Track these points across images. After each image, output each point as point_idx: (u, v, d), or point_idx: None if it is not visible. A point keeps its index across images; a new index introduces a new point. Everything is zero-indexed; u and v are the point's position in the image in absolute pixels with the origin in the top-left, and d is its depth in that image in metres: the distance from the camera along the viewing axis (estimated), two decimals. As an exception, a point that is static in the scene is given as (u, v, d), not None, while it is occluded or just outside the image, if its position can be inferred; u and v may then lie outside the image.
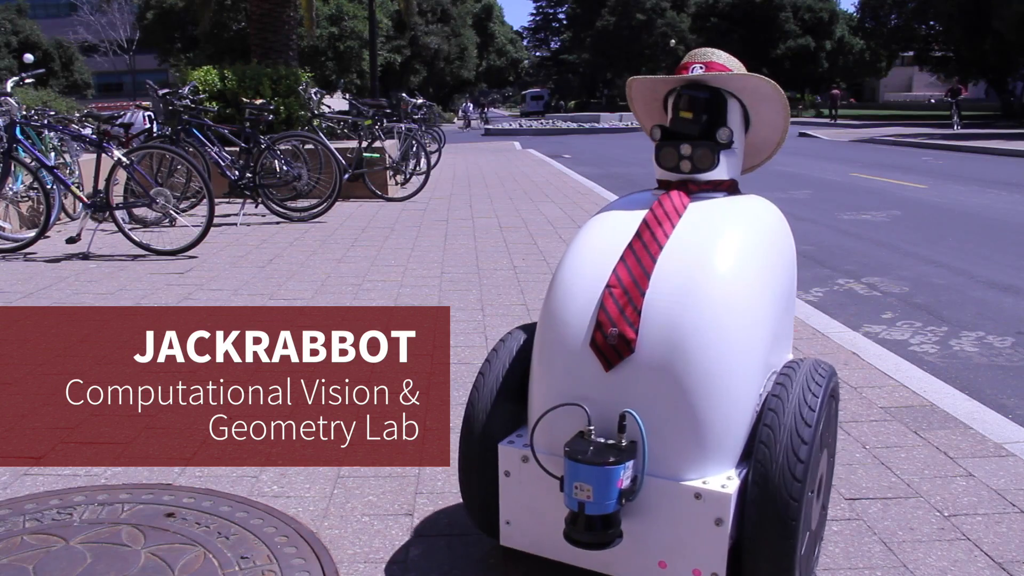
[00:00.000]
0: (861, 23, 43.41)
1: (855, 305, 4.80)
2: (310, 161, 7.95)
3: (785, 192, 10.76)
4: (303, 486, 2.27)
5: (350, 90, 29.39)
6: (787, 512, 1.50)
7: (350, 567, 1.88)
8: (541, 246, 6.05)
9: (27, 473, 2.35)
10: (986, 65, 36.30)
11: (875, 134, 24.89)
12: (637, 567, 1.63)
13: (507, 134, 30.65)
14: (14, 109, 5.81)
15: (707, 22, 53.96)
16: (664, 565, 1.60)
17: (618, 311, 1.59)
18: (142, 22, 38.76)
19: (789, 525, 1.50)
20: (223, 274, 5.15)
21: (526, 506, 1.72)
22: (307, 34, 21.82)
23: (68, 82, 51.01)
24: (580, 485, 1.51)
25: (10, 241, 6.02)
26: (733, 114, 1.82)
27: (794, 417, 1.54)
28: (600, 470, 1.49)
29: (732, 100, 1.82)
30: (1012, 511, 2.11)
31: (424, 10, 43.78)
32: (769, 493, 1.51)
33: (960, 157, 16.51)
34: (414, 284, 4.81)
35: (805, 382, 1.60)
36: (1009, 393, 3.30)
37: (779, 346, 1.80)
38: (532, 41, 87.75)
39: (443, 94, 52.70)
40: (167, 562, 1.85)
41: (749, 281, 1.65)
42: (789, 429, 1.53)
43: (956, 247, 6.62)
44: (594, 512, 1.51)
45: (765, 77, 1.81)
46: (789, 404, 1.56)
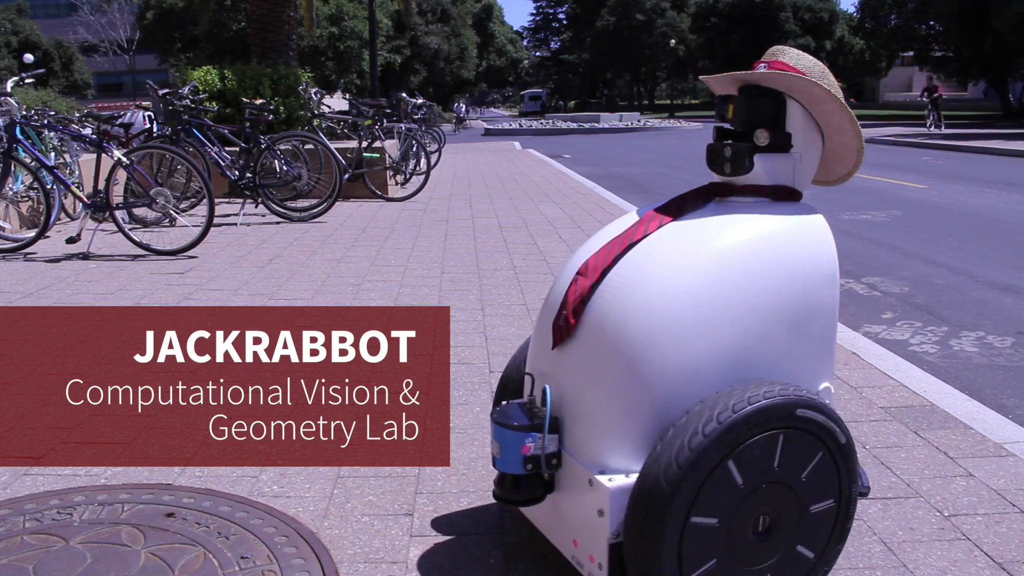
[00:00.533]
0: (861, 23, 43.40)
1: (855, 305, 4.80)
2: (310, 161, 7.95)
3: (785, 192, 10.75)
4: (303, 486, 2.27)
5: (350, 90, 29.41)
6: (653, 512, 1.47)
7: (350, 567, 1.88)
8: (541, 246, 6.05)
9: (27, 473, 2.35)
10: (986, 65, 36.29)
11: (875, 134, 24.89)
12: (561, 539, 1.75)
13: (507, 134, 30.63)
14: (14, 109, 5.81)
15: (707, 22, 53.96)
16: (576, 543, 1.68)
17: (574, 296, 1.68)
18: (142, 22, 38.75)
19: (655, 528, 1.47)
20: (223, 274, 5.15)
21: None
22: (307, 34, 21.79)
23: (68, 82, 51.01)
24: (493, 441, 1.69)
25: (10, 241, 6.02)
26: (793, 118, 1.74)
27: (696, 425, 1.49)
28: (501, 431, 1.65)
29: (792, 103, 1.74)
30: (1012, 511, 2.11)
31: (424, 10, 43.77)
32: (643, 491, 1.50)
33: (960, 157, 16.51)
34: (414, 284, 4.81)
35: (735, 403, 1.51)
36: (1009, 393, 3.30)
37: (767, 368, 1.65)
38: (532, 41, 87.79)
39: (443, 94, 52.68)
40: (167, 562, 1.85)
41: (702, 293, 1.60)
42: (685, 436, 1.49)
43: (956, 247, 6.62)
44: (501, 468, 1.67)
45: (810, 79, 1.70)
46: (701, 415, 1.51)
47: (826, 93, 1.71)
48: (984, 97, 45.95)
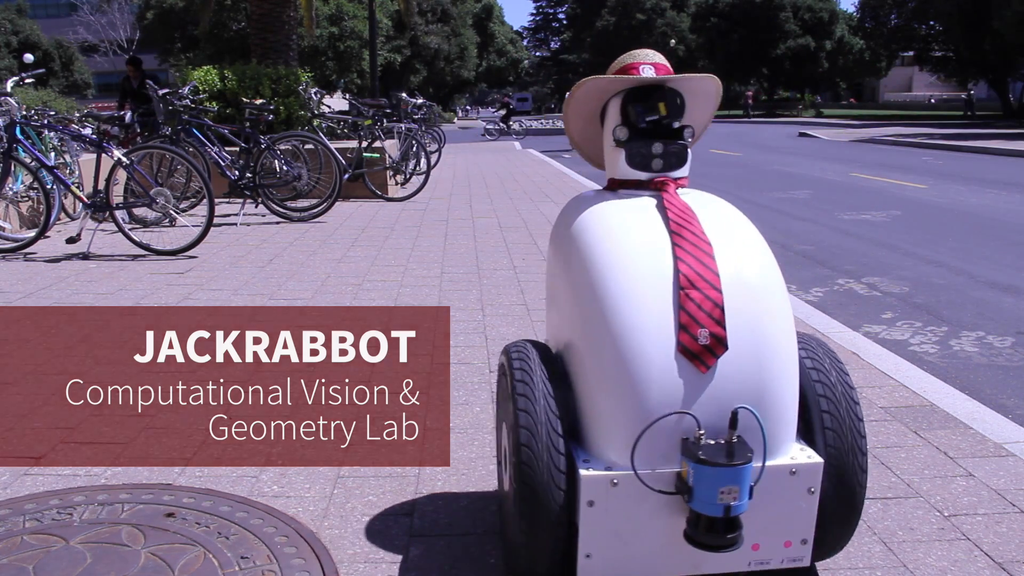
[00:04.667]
0: (861, 23, 43.42)
1: (855, 305, 4.80)
2: (310, 161, 7.95)
3: (785, 192, 10.76)
4: (303, 486, 2.27)
5: (350, 90, 29.38)
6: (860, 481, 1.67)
7: (350, 567, 1.88)
8: (541, 246, 6.05)
9: (27, 473, 2.35)
10: (986, 65, 36.30)
11: (875, 134, 24.89)
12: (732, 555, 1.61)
13: (507, 134, 30.61)
14: (14, 109, 5.81)
15: (707, 22, 53.97)
16: (757, 547, 1.63)
17: (700, 311, 1.57)
18: (142, 22, 38.75)
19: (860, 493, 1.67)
20: (223, 274, 5.15)
21: (613, 533, 1.61)
22: (307, 34, 21.79)
23: (68, 82, 51.00)
24: (728, 489, 1.49)
25: (10, 241, 6.02)
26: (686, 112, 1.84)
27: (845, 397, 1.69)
28: (744, 469, 1.49)
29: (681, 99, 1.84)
30: (1012, 511, 2.11)
31: (424, 10, 43.77)
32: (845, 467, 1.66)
33: (960, 157, 16.51)
34: (414, 284, 4.81)
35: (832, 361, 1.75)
36: (1009, 393, 3.30)
37: None
38: (532, 41, 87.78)
39: (443, 94, 52.69)
40: (167, 562, 1.85)
41: (775, 266, 1.72)
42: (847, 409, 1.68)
43: (956, 247, 6.62)
44: (739, 512, 1.51)
45: (713, 77, 1.86)
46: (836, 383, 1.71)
47: (718, 89, 1.89)
48: (984, 97, 45.92)
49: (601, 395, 1.61)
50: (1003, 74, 37.50)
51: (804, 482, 1.60)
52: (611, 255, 1.66)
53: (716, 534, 1.52)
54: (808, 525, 1.63)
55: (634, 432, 1.54)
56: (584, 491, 1.56)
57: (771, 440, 1.58)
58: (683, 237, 1.65)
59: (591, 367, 1.63)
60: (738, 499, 1.49)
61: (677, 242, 1.64)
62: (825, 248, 6.66)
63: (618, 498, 1.57)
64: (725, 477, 1.48)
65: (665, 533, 1.60)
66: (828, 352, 1.78)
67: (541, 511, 1.60)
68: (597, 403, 1.62)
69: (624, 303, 1.60)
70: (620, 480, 1.56)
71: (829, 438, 1.65)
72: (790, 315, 1.68)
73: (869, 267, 5.87)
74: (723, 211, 1.79)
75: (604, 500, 1.58)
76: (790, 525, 1.62)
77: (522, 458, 1.60)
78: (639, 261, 1.64)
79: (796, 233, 7.45)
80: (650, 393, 1.55)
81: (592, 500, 1.57)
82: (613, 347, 1.58)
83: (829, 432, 1.65)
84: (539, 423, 1.61)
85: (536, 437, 1.60)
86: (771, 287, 1.65)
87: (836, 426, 1.66)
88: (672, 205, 1.73)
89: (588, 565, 1.61)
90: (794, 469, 1.60)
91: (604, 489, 1.57)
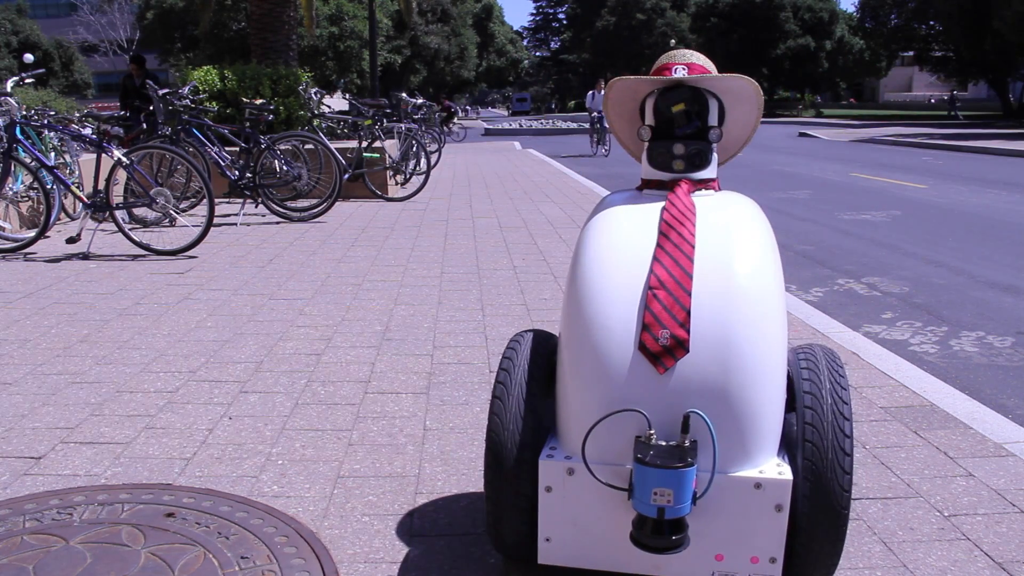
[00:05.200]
0: (861, 23, 43.44)
1: (855, 305, 4.80)
2: (310, 161, 7.95)
3: (785, 192, 10.76)
4: (303, 486, 2.27)
5: (350, 90, 29.39)
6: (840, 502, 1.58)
7: (350, 567, 1.88)
8: (541, 246, 6.05)
9: (27, 473, 2.35)
10: (986, 65, 36.32)
11: (875, 134, 24.89)
12: (692, 563, 1.63)
13: (507, 134, 30.65)
14: (14, 109, 5.81)
15: (707, 22, 53.97)
16: (721, 557, 1.62)
17: (665, 312, 1.59)
18: (142, 22, 38.70)
19: (841, 514, 1.58)
20: (223, 274, 5.15)
21: (570, 520, 1.67)
22: (307, 34, 21.80)
23: (68, 82, 51.02)
24: (660, 491, 1.49)
25: (10, 241, 6.02)
26: (713, 113, 1.84)
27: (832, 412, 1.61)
28: (680, 473, 1.48)
29: (712, 100, 1.84)
30: (1012, 511, 2.11)
31: (424, 10, 43.76)
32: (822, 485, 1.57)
33: (960, 157, 16.51)
34: (414, 284, 4.81)
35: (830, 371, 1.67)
36: (1009, 393, 3.30)
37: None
38: (532, 41, 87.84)
39: (443, 94, 52.66)
40: (167, 562, 1.85)
41: (771, 273, 1.69)
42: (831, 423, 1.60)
43: (956, 247, 6.62)
44: (673, 516, 1.51)
45: (748, 77, 1.83)
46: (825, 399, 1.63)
47: (756, 92, 1.85)
48: (984, 97, 45.90)
49: (568, 387, 1.67)
50: (1003, 74, 37.52)
51: (770, 498, 1.57)
52: (597, 253, 1.72)
53: (645, 532, 1.52)
54: (777, 543, 1.59)
55: (588, 424, 1.59)
56: (542, 477, 1.64)
57: (733, 449, 1.57)
58: (668, 239, 1.68)
59: (564, 359, 1.69)
60: (672, 502, 1.49)
61: (661, 243, 1.68)
62: (825, 248, 6.66)
63: (574, 487, 1.63)
64: (658, 478, 1.48)
65: (622, 528, 1.63)
66: (830, 364, 1.71)
67: (503, 492, 1.68)
68: (565, 395, 1.68)
69: (596, 300, 1.65)
70: (576, 470, 1.62)
71: (808, 451, 1.59)
72: (777, 323, 1.63)
73: (869, 267, 5.87)
74: (735, 215, 1.77)
75: (561, 487, 1.64)
76: (756, 541, 1.60)
77: (488, 444, 1.69)
78: (619, 261, 1.68)
79: (796, 233, 7.45)
80: (607, 389, 1.59)
81: (549, 486, 1.65)
82: (579, 341, 1.64)
83: (809, 429, 1.60)
84: (508, 412, 1.68)
85: (503, 425, 1.68)
86: (756, 294, 1.62)
87: (817, 440, 1.59)
88: (672, 207, 1.75)
89: (547, 548, 1.69)
90: (759, 483, 1.56)
91: (561, 477, 1.63)
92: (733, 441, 1.57)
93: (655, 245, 1.69)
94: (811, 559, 1.61)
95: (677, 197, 1.78)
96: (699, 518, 1.60)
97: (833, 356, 1.75)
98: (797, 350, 1.78)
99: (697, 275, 1.63)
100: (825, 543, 1.60)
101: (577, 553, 1.69)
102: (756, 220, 1.79)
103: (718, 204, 1.81)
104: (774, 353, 1.61)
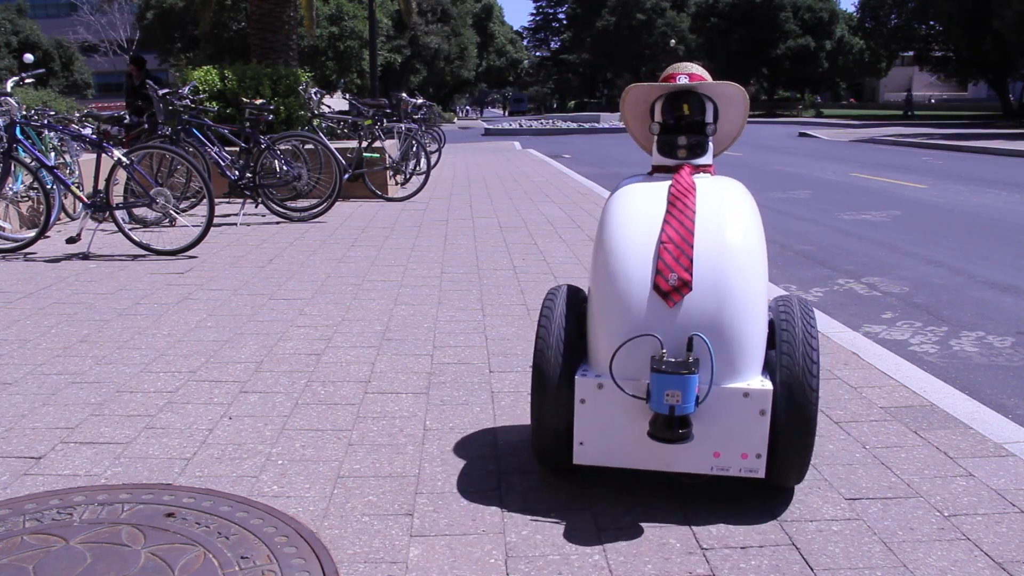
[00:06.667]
0: (861, 23, 43.40)
1: (855, 305, 4.80)
2: (310, 161, 7.95)
3: (785, 192, 10.76)
4: (303, 486, 2.27)
5: (350, 90, 29.37)
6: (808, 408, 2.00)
7: (350, 567, 1.88)
8: (541, 246, 6.05)
9: (27, 473, 2.35)
10: (986, 65, 36.30)
11: (875, 134, 24.89)
12: (696, 459, 2.06)
13: (507, 134, 30.64)
14: (14, 109, 5.81)
15: (707, 22, 53.96)
16: (718, 454, 2.04)
17: (673, 260, 2.05)
18: (142, 22, 38.70)
19: (810, 417, 2.00)
20: (223, 274, 5.15)
21: (599, 426, 2.08)
22: (307, 34, 21.80)
23: (68, 82, 50.99)
24: (671, 392, 1.91)
25: (10, 241, 6.02)
26: (709, 113, 2.32)
27: (803, 343, 2.03)
28: (686, 378, 1.91)
29: (708, 102, 2.32)
30: (1012, 511, 2.11)
31: (424, 10, 43.75)
32: (795, 395, 2.00)
33: (960, 157, 16.51)
34: (414, 284, 4.81)
35: (803, 314, 2.10)
36: (1009, 393, 3.30)
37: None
38: (532, 41, 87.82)
39: (443, 94, 52.68)
40: (167, 562, 1.85)
41: (755, 236, 2.13)
42: (802, 352, 2.02)
43: (956, 247, 6.62)
44: (681, 412, 1.92)
45: (737, 84, 2.33)
46: (797, 334, 2.04)
47: (743, 96, 2.37)
48: (984, 97, 45.89)
49: (597, 322, 2.12)
50: (1003, 74, 37.49)
51: (756, 404, 2.00)
52: (619, 219, 2.18)
53: (669, 430, 1.94)
54: (761, 442, 2.02)
55: (615, 348, 2.04)
56: (578, 391, 2.08)
57: (726, 365, 2.01)
58: (675, 207, 2.15)
59: (594, 301, 2.14)
60: (681, 402, 1.92)
61: (669, 210, 2.15)
62: (825, 248, 6.66)
63: (603, 399, 2.07)
64: (669, 382, 1.91)
65: (641, 432, 2.05)
66: (802, 307, 2.13)
67: (546, 407, 2.13)
68: (595, 328, 2.12)
69: (620, 253, 2.11)
70: (605, 385, 2.05)
71: (784, 361, 2.01)
72: (759, 270, 2.08)
73: (869, 267, 5.87)
74: (727, 191, 2.21)
75: (592, 399, 2.07)
76: (746, 440, 2.03)
77: (535, 367, 2.14)
78: (636, 223, 2.15)
79: (796, 233, 7.45)
80: (628, 320, 2.06)
81: (584, 399, 2.08)
82: (606, 286, 2.10)
83: (785, 357, 2.02)
84: (550, 343, 2.13)
85: (547, 351, 2.12)
86: (742, 248, 2.07)
87: (790, 355, 2.01)
88: (677, 184, 2.20)
89: (581, 450, 2.12)
90: (747, 392, 2.00)
91: (592, 391, 2.07)
92: (726, 360, 2.02)
93: (665, 212, 2.14)
94: (788, 454, 2.03)
95: (681, 177, 2.23)
96: (700, 422, 2.02)
97: (805, 303, 2.17)
98: (778, 298, 2.22)
99: (697, 234, 2.09)
100: (797, 441, 2.01)
101: (605, 454, 2.10)
102: (744, 196, 2.25)
103: (714, 184, 2.25)
104: (757, 293, 2.06)
